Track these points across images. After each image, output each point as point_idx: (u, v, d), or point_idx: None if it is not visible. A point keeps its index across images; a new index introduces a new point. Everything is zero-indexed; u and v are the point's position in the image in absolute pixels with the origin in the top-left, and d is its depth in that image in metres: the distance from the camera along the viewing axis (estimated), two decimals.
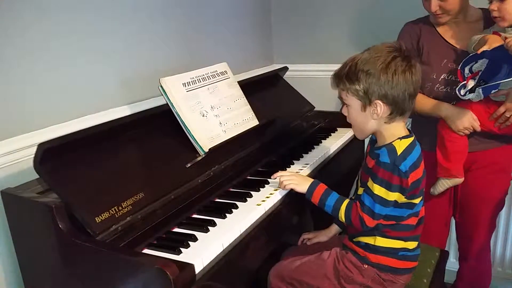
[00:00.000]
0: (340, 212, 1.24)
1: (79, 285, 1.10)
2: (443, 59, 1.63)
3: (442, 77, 1.62)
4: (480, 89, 1.47)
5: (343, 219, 1.24)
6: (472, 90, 1.49)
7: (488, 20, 1.55)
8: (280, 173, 1.39)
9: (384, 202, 1.17)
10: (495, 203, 1.71)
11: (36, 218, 1.12)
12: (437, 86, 1.63)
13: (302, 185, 1.31)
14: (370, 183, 1.19)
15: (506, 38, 1.41)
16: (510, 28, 1.46)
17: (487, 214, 1.71)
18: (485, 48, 1.43)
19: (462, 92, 1.51)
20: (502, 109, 1.49)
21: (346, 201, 1.25)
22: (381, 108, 1.17)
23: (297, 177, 1.35)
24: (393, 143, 1.18)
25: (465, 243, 1.80)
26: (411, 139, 1.21)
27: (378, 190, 1.17)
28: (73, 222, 1.05)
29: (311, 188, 1.30)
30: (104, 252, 1.00)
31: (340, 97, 1.25)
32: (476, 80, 1.50)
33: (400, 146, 1.17)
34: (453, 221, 1.87)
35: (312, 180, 1.32)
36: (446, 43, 1.65)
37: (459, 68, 1.54)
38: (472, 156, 1.61)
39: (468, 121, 1.52)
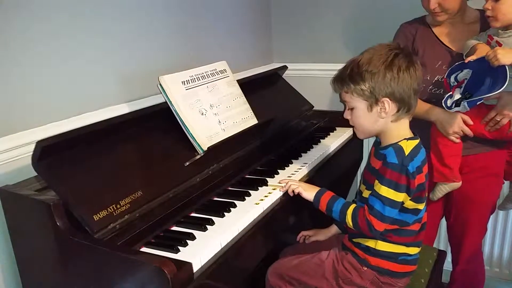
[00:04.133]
0: (347, 217, 1.22)
1: (77, 283, 1.10)
2: (437, 61, 1.63)
3: (435, 78, 1.62)
4: (466, 102, 1.46)
5: (351, 224, 1.22)
6: (458, 104, 1.48)
7: (485, 22, 1.55)
8: (287, 179, 1.39)
9: (393, 203, 1.16)
10: (485, 206, 1.71)
11: (34, 216, 1.11)
12: (430, 87, 1.63)
13: (309, 192, 1.31)
14: (377, 186, 1.18)
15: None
16: (502, 31, 1.45)
17: (478, 218, 1.71)
18: (472, 57, 1.43)
19: (449, 103, 1.51)
20: (493, 113, 1.48)
21: (353, 206, 1.23)
22: (389, 105, 1.16)
23: (305, 184, 1.34)
24: (399, 143, 1.18)
25: (456, 246, 1.80)
26: (417, 141, 1.21)
27: (386, 191, 1.16)
28: (71, 220, 1.05)
29: (319, 194, 1.29)
30: (102, 250, 1.00)
31: (344, 100, 1.24)
32: (461, 90, 1.49)
33: (408, 147, 1.17)
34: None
35: (319, 188, 1.32)
36: (442, 44, 1.64)
37: (445, 77, 1.54)
38: (464, 159, 1.61)
39: (457, 125, 1.52)
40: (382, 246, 1.25)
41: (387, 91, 1.15)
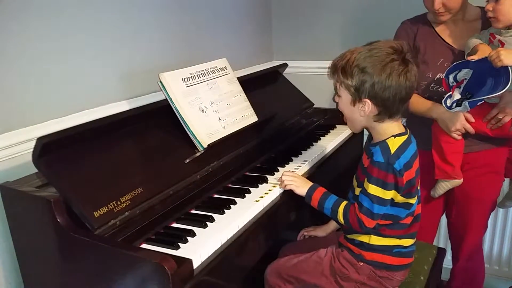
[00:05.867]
0: (338, 214, 1.24)
1: (77, 279, 1.11)
2: (439, 58, 1.63)
3: (437, 76, 1.62)
4: (467, 102, 1.47)
5: (342, 221, 1.24)
6: (459, 104, 1.48)
7: (486, 19, 1.55)
8: (283, 172, 1.39)
9: (381, 201, 1.17)
10: (486, 204, 1.71)
11: (34, 212, 1.12)
12: (432, 85, 1.63)
13: (301, 188, 1.31)
14: (366, 184, 1.19)
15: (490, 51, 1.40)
16: (505, 31, 1.45)
17: (479, 215, 1.72)
18: (474, 57, 1.43)
19: (449, 103, 1.51)
20: (495, 111, 1.49)
21: (344, 203, 1.24)
22: (368, 107, 1.16)
23: (298, 179, 1.34)
24: (386, 140, 1.18)
25: (457, 243, 1.80)
26: (406, 136, 1.20)
27: (374, 190, 1.17)
28: (71, 216, 1.05)
29: (310, 191, 1.29)
30: (102, 247, 1.00)
31: (334, 86, 1.25)
32: (461, 90, 1.49)
33: (394, 144, 1.17)
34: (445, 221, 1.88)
35: (312, 183, 1.32)
36: (444, 42, 1.64)
37: (443, 76, 1.54)
38: (465, 157, 1.61)
39: (459, 123, 1.52)
40: (376, 240, 1.25)
41: (371, 93, 1.14)
